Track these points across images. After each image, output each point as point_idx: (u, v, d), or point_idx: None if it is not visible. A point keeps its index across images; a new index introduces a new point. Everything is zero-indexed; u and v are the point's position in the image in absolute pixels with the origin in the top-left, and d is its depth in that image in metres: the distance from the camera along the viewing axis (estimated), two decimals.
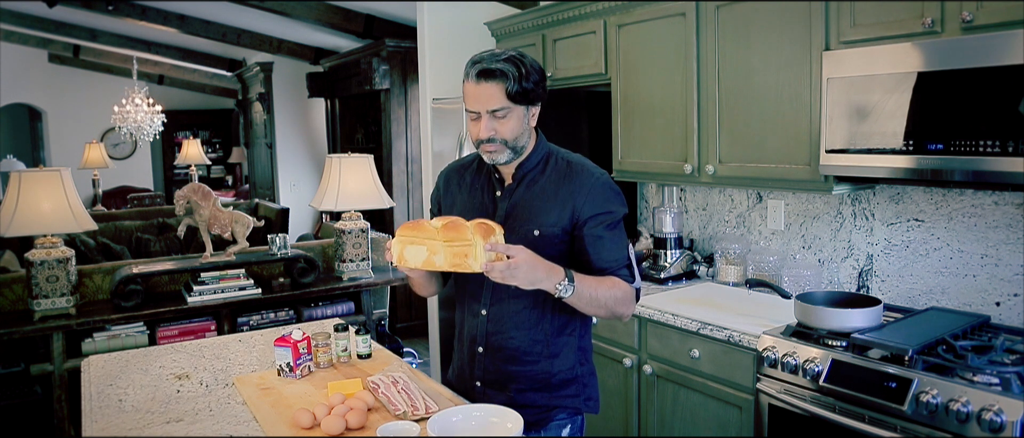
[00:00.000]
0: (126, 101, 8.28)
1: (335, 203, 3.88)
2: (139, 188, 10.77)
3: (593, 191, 1.78)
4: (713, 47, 2.79)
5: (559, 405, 1.86)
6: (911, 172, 2.14)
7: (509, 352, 1.84)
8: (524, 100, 1.74)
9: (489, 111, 1.72)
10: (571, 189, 1.78)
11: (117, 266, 3.75)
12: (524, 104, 1.75)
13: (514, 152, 1.78)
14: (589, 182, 1.79)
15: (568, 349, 1.86)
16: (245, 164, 11.02)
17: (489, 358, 1.87)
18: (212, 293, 3.65)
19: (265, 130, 8.82)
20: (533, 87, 1.74)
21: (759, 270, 2.96)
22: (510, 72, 1.70)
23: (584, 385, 1.89)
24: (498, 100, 1.71)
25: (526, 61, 1.74)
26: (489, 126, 1.73)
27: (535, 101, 1.78)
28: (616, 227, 1.80)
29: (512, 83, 1.71)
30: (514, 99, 1.72)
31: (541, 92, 1.78)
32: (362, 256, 4.01)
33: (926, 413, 1.88)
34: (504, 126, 1.74)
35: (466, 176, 1.95)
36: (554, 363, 1.84)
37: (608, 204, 1.78)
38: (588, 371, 1.91)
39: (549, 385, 1.85)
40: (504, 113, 1.73)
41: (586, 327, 1.91)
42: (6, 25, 7.99)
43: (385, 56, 5.91)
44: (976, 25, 1.99)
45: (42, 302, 3.29)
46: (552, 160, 1.84)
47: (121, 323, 3.46)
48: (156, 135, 8.81)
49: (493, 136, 1.74)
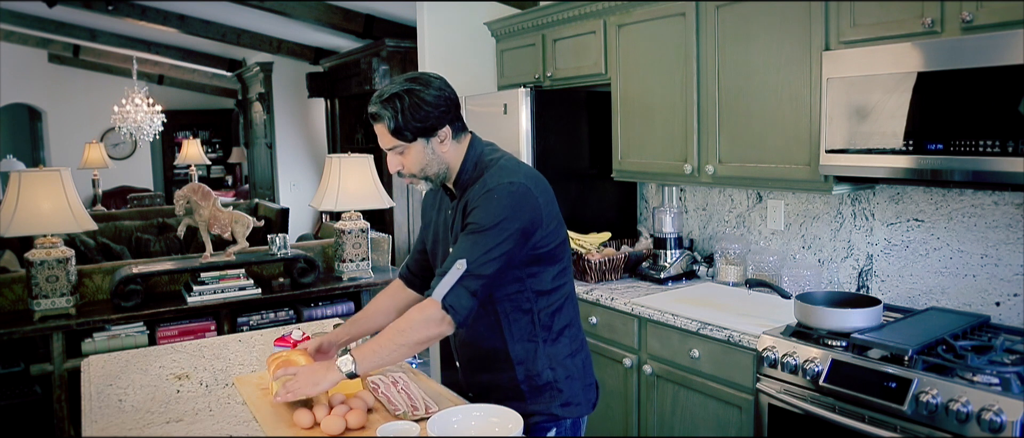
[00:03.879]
0: (126, 101, 8.27)
1: (335, 203, 3.88)
2: (139, 188, 10.77)
3: (478, 198, 1.72)
4: (713, 47, 2.79)
5: (536, 411, 1.82)
6: (911, 172, 2.13)
7: (478, 362, 1.88)
8: (417, 134, 1.72)
9: (388, 149, 1.75)
10: (473, 200, 1.75)
11: (117, 266, 3.75)
12: (419, 137, 1.73)
13: (430, 181, 1.80)
14: (483, 190, 1.73)
15: (534, 355, 1.81)
16: (245, 164, 11.02)
17: (465, 369, 1.93)
18: (212, 293, 3.64)
19: (265, 130, 8.82)
20: (421, 122, 1.70)
21: (759, 270, 2.96)
22: (386, 114, 1.70)
23: (559, 390, 1.83)
24: (388, 139, 1.73)
25: (412, 95, 1.69)
26: (394, 161, 1.77)
27: (433, 131, 1.73)
28: (479, 233, 1.68)
29: (391, 122, 1.70)
30: (401, 137, 1.72)
31: (436, 119, 1.72)
32: (362, 256, 4.01)
33: (926, 413, 1.88)
34: (407, 160, 1.76)
35: (438, 192, 1.96)
36: (519, 370, 1.81)
37: (480, 214, 1.69)
38: (564, 375, 1.83)
39: (520, 393, 1.82)
40: (400, 150, 1.74)
41: (550, 331, 1.83)
42: (6, 25, 8.00)
43: (385, 56, 5.91)
44: (976, 25, 1.99)
45: (42, 302, 3.29)
46: (479, 167, 1.80)
47: (121, 323, 3.46)
48: (156, 135, 8.81)
49: (400, 170, 1.78)
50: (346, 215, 4.02)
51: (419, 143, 1.74)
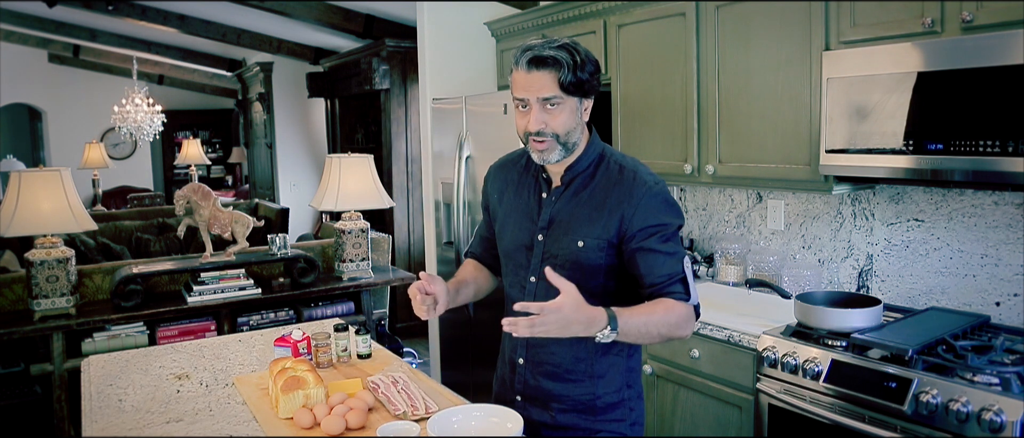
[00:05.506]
0: (126, 101, 8.27)
1: (335, 203, 3.88)
2: (139, 188, 10.77)
3: (643, 201, 1.62)
4: (713, 47, 2.79)
5: (603, 430, 1.71)
6: (911, 172, 2.14)
7: (550, 368, 1.71)
8: (578, 91, 1.61)
9: (540, 100, 1.59)
10: (620, 198, 1.64)
11: (117, 266, 3.75)
12: (577, 96, 1.62)
13: (565, 149, 1.64)
14: (639, 191, 1.63)
15: (614, 370, 1.71)
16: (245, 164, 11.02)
17: (529, 372, 1.75)
18: (212, 293, 3.64)
19: (265, 130, 8.82)
20: (588, 78, 1.62)
21: (759, 270, 2.96)
22: (564, 60, 1.58)
23: (631, 409, 1.74)
24: (550, 89, 1.59)
25: (581, 50, 1.62)
26: (539, 118, 1.60)
27: (589, 93, 1.65)
28: (670, 240, 1.63)
29: (566, 72, 1.58)
30: (567, 90, 1.59)
31: (595, 84, 1.65)
32: (362, 256, 4.01)
33: (926, 413, 1.88)
34: (555, 119, 1.61)
35: (513, 174, 1.83)
36: (599, 384, 1.70)
37: (661, 215, 1.62)
38: (635, 394, 1.75)
39: (593, 408, 1.70)
40: (556, 103, 1.60)
41: (636, 346, 1.75)
42: (6, 25, 7.99)
43: (385, 56, 5.91)
44: (976, 25, 1.99)
45: (42, 302, 3.29)
46: (604, 163, 1.70)
47: (121, 323, 3.46)
48: (156, 135, 8.80)
49: (543, 129, 1.61)
50: (346, 215, 4.02)
51: (573, 102, 1.62)
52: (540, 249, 1.71)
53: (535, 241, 1.72)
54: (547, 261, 1.67)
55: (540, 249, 1.71)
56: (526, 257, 1.73)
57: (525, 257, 1.74)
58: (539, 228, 1.71)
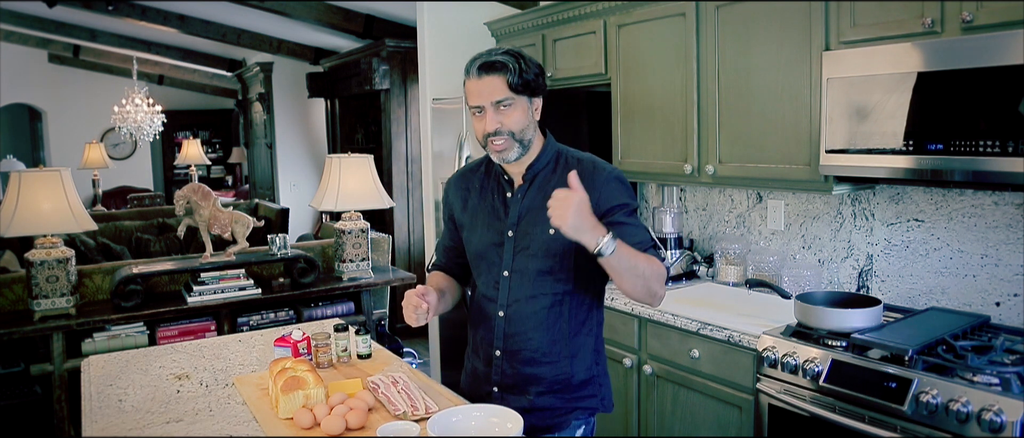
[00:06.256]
0: (126, 101, 8.27)
1: (335, 203, 3.88)
2: (139, 188, 10.77)
3: (608, 183, 1.78)
4: (713, 47, 2.79)
5: (578, 407, 1.85)
6: (911, 172, 2.14)
7: (528, 354, 1.83)
8: (526, 91, 1.76)
9: (493, 103, 1.74)
10: (586, 185, 1.70)
11: (117, 266, 3.75)
12: (526, 95, 1.77)
13: (522, 147, 1.78)
14: (601, 177, 1.79)
15: (585, 349, 1.86)
16: (245, 164, 11.02)
17: (507, 361, 1.85)
18: (212, 293, 3.64)
19: (265, 130, 8.82)
20: (534, 78, 1.77)
21: (759, 270, 2.96)
22: (510, 63, 1.74)
23: (600, 385, 1.89)
24: (501, 91, 1.74)
25: (525, 54, 1.79)
26: (494, 119, 1.74)
27: (537, 93, 1.80)
28: (633, 215, 1.80)
29: (513, 74, 1.73)
30: (516, 90, 1.74)
31: (542, 84, 1.81)
32: (362, 256, 4.01)
33: (926, 413, 1.88)
34: (509, 118, 1.75)
35: (474, 181, 1.94)
36: (573, 363, 1.83)
37: (623, 196, 1.79)
38: (602, 371, 1.91)
39: (569, 386, 1.84)
40: (508, 104, 1.74)
41: (600, 326, 1.92)
42: (6, 25, 7.99)
43: (385, 56, 5.91)
44: (976, 25, 1.99)
45: (42, 302, 3.29)
46: (562, 159, 1.85)
47: (121, 323, 3.46)
48: (156, 135, 8.80)
49: (499, 129, 1.74)
50: (346, 215, 4.02)
51: (523, 101, 1.77)
52: (511, 244, 1.83)
53: (505, 238, 1.84)
54: (519, 253, 1.81)
55: (511, 244, 1.83)
56: (498, 254, 1.85)
57: (497, 254, 1.85)
58: (508, 225, 1.83)
